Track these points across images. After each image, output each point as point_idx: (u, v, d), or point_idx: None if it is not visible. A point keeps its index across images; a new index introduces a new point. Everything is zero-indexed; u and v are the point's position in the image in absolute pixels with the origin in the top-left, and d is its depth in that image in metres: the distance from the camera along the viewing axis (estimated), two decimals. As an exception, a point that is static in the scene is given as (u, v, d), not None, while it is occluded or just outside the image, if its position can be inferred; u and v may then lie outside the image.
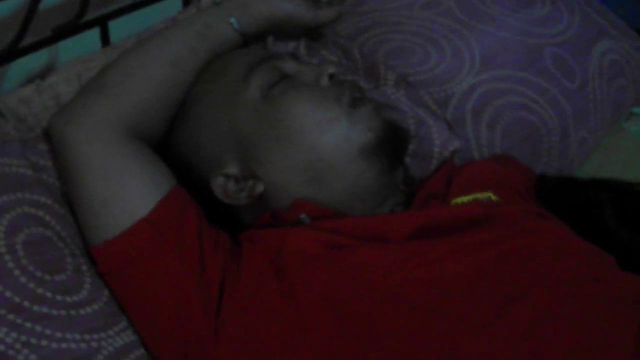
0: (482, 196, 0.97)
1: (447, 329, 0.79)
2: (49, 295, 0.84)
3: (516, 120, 1.19)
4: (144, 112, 0.97)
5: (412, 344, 0.79)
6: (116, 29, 1.17)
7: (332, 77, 0.98)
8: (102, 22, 1.15)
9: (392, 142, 0.96)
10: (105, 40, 1.16)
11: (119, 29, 1.17)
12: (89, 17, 1.11)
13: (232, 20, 1.05)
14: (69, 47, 1.12)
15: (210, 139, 0.97)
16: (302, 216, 0.92)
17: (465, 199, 0.97)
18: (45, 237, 0.88)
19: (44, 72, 1.10)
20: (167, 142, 1.02)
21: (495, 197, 0.98)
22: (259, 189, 0.95)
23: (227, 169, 0.96)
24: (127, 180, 0.91)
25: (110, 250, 0.90)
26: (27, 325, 0.81)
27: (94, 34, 1.15)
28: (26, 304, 0.82)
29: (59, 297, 0.85)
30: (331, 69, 0.97)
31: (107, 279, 0.90)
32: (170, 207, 0.91)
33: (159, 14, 1.20)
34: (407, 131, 1.05)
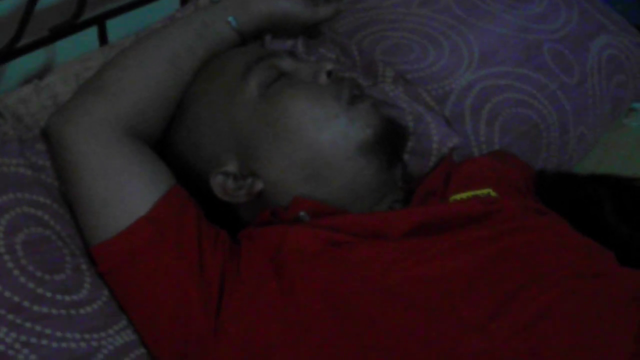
0: (481, 193, 0.97)
1: (446, 328, 0.79)
2: (49, 295, 0.84)
3: (515, 116, 1.19)
4: (142, 111, 0.97)
5: (412, 343, 0.79)
6: (114, 28, 1.16)
7: (330, 74, 0.97)
8: (99, 22, 1.15)
9: (390, 139, 0.96)
10: (103, 39, 1.16)
11: (117, 28, 1.17)
12: (86, 16, 1.11)
13: (230, 18, 1.05)
14: (66, 47, 1.12)
15: (208, 138, 0.97)
16: (301, 214, 0.92)
17: (464, 195, 0.97)
18: (44, 237, 0.88)
19: (42, 72, 1.10)
20: (165, 141, 1.02)
21: (494, 194, 0.97)
22: (258, 186, 0.95)
23: (226, 167, 0.96)
24: (126, 179, 0.91)
25: (109, 250, 0.90)
26: (27, 325, 0.82)
27: (91, 34, 1.14)
28: (26, 304, 0.83)
29: (58, 297, 0.85)
30: (329, 66, 0.97)
31: (107, 278, 0.90)
32: (169, 206, 0.91)
33: (156, 12, 1.20)
34: (405, 128, 1.05)
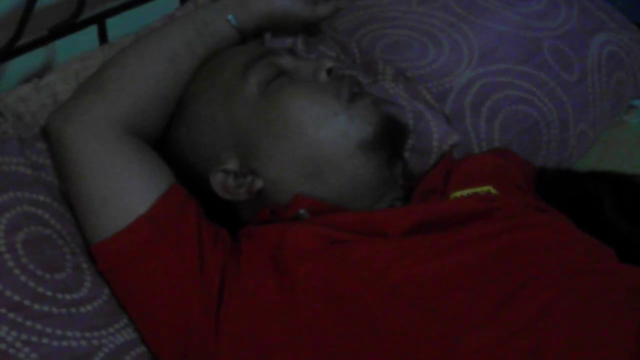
0: (482, 190, 0.97)
1: (447, 327, 0.79)
2: (49, 293, 0.84)
3: (515, 113, 1.19)
4: (142, 109, 0.97)
5: (412, 341, 0.79)
6: (113, 27, 1.16)
7: (330, 72, 0.97)
8: (99, 21, 1.15)
9: (390, 137, 0.96)
10: (102, 38, 1.16)
11: (116, 27, 1.16)
12: (85, 15, 1.11)
13: (230, 16, 1.05)
14: (66, 46, 1.12)
15: (208, 136, 0.97)
16: (301, 211, 0.92)
17: (464, 193, 0.96)
18: (44, 236, 0.88)
19: (42, 71, 1.09)
20: (165, 140, 1.02)
21: (494, 191, 0.97)
22: (258, 184, 0.95)
23: (226, 165, 0.96)
24: (126, 178, 0.91)
25: (109, 248, 0.90)
26: (28, 323, 0.82)
27: (91, 33, 1.14)
28: (26, 303, 0.83)
29: (59, 296, 0.85)
30: (329, 64, 0.97)
31: (107, 277, 0.90)
32: (169, 204, 0.91)
33: (156, 11, 1.20)
34: (405, 126, 1.05)
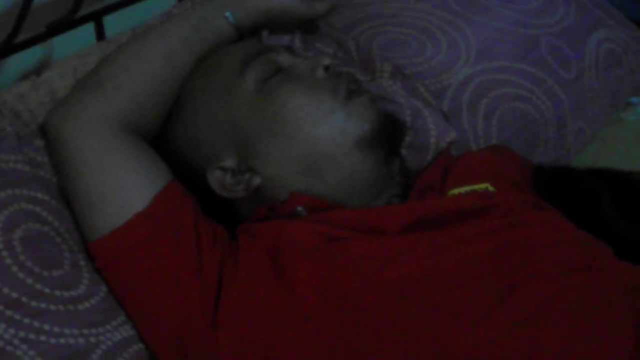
0: (479, 187, 0.97)
1: (444, 324, 0.79)
2: (47, 290, 0.84)
3: (512, 110, 1.19)
4: (139, 107, 0.97)
5: (410, 338, 0.79)
6: (111, 24, 1.16)
7: (327, 69, 0.97)
8: (96, 18, 1.15)
9: (388, 134, 0.96)
10: (100, 35, 1.16)
11: (114, 24, 1.16)
12: (83, 12, 1.11)
13: (228, 14, 1.04)
14: (64, 43, 1.12)
15: (206, 133, 0.97)
16: (299, 209, 0.92)
17: (462, 190, 0.96)
18: (42, 233, 0.88)
19: (40, 68, 1.09)
20: (162, 137, 1.02)
21: (492, 188, 0.97)
22: (256, 181, 0.95)
23: (223, 162, 0.96)
24: (124, 175, 0.91)
25: (107, 245, 0.90)
26: (26, 320, 0.82)
27: (88, 30, 1.14)
28: (24, 300, 0.83)
29: (57, 293, 0.85)
30: (326, 61, 0.97)
31: (105, 274, 0.90)
32: (167, 201, 0.91)
33: (153, 8, 1.20)
34: (403, 123, 1.04)
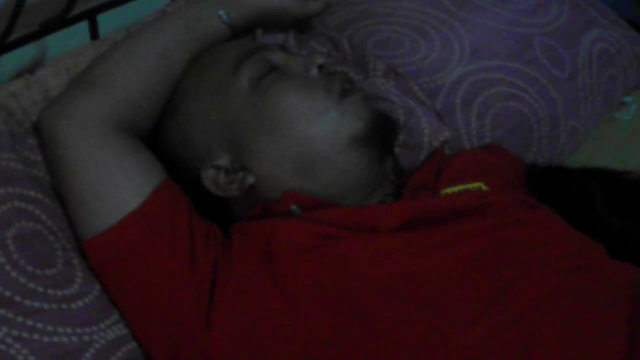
0: (473, 186, 0.97)
1: (437, 322, 0.79)
2: (40, 289, 0.84)
3: (506, 110, 1.19)
4: (133, 105, 0.97)
5: (403, 336, 0.79)
6: (105, 22, 1.16)
7: (321, 68, 0.97)
8: (90, 16, 1.14)
9: (381, 132, 0.96)
10: (94, 34, 1.16)
11: (108, 22, 1.16)
12: (77, 11, 1.11)
13: (221, 12, 1.05)
14: (57, 41, 1.12)
15: (200, 132, 0.97)
16: (293, 207, 0.92)
17: (455, 189, 0.97)
18: (36, 232, 0.88)
19: (33, 67, 1.09)
20: (156, 135, 1.02)
21: (485, 187, 0.97)
22: (250, 180, 0.95)
23: (217, 161, 0.96)
24: (118, 174, 0.91)
25: (100, 244, 0.90)
26: (19, 319, 0.82)
27: (82, 28, 1.14)
28: (17, 299, 0.83)
29: (50, 291, 0.85)
30: (320, 60, 0.97)
31: (98, 273, 0.90)
32: (160, 200, 0.91)
33: (147, 7, 1.20)
34: (396, 122, 1.05)
